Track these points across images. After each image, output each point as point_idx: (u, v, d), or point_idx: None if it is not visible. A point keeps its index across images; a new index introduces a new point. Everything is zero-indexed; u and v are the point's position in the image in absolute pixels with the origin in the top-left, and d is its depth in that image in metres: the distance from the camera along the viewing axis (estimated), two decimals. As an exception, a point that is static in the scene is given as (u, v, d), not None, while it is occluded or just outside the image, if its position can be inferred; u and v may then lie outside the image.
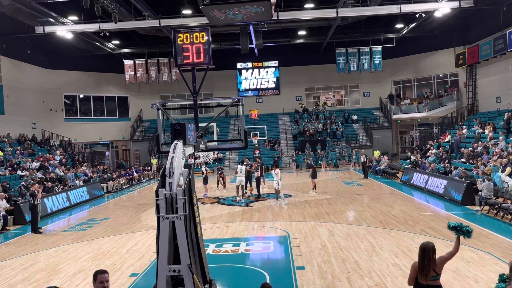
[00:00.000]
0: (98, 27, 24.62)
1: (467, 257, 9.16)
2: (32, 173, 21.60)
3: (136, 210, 17.87)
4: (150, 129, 37.81)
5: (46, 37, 27.88)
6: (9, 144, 25.21)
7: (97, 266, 9.96)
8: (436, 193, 17.79)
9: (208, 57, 7.25)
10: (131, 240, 12.47)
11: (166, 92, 38.42)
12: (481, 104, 29.59)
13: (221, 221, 14.51)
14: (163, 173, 5.59)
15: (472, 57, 28.74)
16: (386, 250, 10.10)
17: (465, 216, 13.59)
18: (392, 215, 14.24)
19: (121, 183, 26.31)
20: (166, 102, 7.99)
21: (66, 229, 14.93)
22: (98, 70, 35.96)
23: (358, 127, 36.98)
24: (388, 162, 26.95)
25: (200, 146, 7.34)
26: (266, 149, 34.73)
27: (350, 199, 17.85)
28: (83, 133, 34.90)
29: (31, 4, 21.92)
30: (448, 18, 27.46)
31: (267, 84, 39.44)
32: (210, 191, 21.51)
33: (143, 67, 33.77)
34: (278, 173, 17.52)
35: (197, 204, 6.10)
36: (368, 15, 25.93)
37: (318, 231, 12.41)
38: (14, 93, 27.91)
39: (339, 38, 32.26)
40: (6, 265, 10.54)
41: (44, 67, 32.02)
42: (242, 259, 10.15)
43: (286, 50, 36.74)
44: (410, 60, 35.68)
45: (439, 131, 31.74)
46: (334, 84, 39.57)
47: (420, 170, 21.64)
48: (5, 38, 26.70)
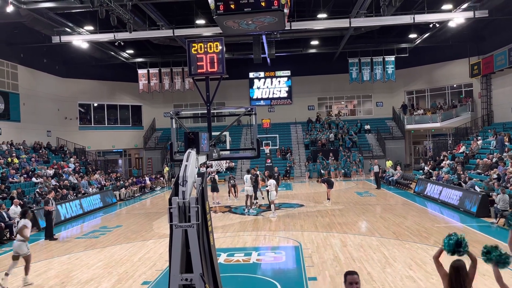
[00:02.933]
0: (113, 36, 24.98)
1: (483, 270, 8.97)
2: (46, 180, 21.86)
3: (148, 218, 17.93)
4: (163, 138, 38.08)
5: (62, 47, 28.37)
6: (24, 152, 25.60)
7: (109, 273, 10.01)
8: (451, 205, 17.54)
9: (221, 66, 7.31)
10: (143, 248, 12.50)
11: (179, 101, 38.69)
12: (496, 114, 29.21)
13: (233, 230, 14.47)
14: (176, 181, 5.62)
15: (487, 67, 28.47)
16: (399, 262, 9.97)
17: (480, 229, 13.37)
18: (405, 226, 14.07)
19: (134, 191, 26.48)
20: (180, 111, 8.06)
21: (79, 236, 15.04)
22: (112, 79, 36.43)
23: (371, 137, 36.76)
24: (401, 173, 26.68)
25: (213, 155, 7.37)
26: (278, 159, 34.68)
27: (362, 210, 17.68)
28: (96, 141, 35.26)
29: (49, 14, 22.36)
30: (463, 28, 27.27)
31: (279, 93, 39.50)
32: (221, 200, 21.52)
33: (156, 76, 34.11)
34: (272, 184, 17.06)
35: (209, 213, 6.10)
36: (381, 25, 25.88)
37: (330, 241, 12.30)
38: (30, 101, 28.40)
39: (352, 48, 32.22)
40: (20, 271, 10.62)
41: (60, 76, 32.56)
42: (254, 269, 10.10)
43: (298, 60, 36.80)
44: (423, 70, 35.46)
45: (453, 142, 31.40)
46: (347, 93, 39.48)
47: (434, 181, 21.39)
48: (22, 48, 27.26)
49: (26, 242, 9.52)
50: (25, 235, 9.50)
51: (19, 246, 9.46)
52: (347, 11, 24.34)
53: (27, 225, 9.68)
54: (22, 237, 9.49)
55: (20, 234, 9.54)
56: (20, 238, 9.54)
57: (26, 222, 9.72)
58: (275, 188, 17.35)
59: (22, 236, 9.49)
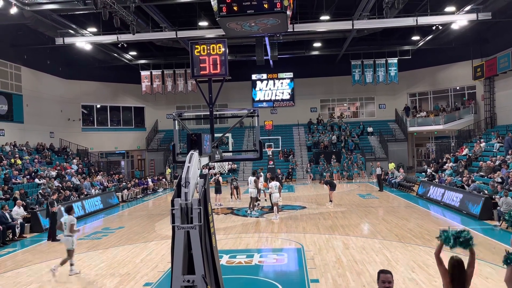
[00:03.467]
0: (116, 38, 25.05)
1: (486, 273, 8.96)
2: (49, 181, 21.90)
3: (151, 219, 17.94)
4: (165, 139, 38.13)
5: (66, 48, 28.47)
6: (27, 153, 25.67)
7: (111, 275, 10.01)
8: (453, 207, 17.49)
9: (224, 68, 7.33)
10: (145, 249, 12.51)
11: (181, 103, 38.77)
12: (500, 117, 29.14)
13: (235, 232, 14.47)
14: (179, 183, 5.62)
15: (490, 70, 28.39)
16: (402, 264, 9.94)
17: (483, 231, 13.32)
18: (408, 228, 14.04)
19: (136, 192, 26.50)
20: (183, 112, 8.08)
21: (81, 237, 15.03)
22: (115, 81, 36.52)
23: (374, 139, 36.70)
24: (404, 175, 26.62)
25: (216, 156, 7.37)
26: (280, 160, 34.67)
27: (365, 212, 17.65)
28: (99, 142, 35.34)
29: (52, 16, 22.45)
30: (466, 30, 27.22)
31: (282, 95, 39.53)
32: (224, 201, 21.52)
33: (159, 78, 34.17)
34: (273, 186, 16.99)
35: (212, 215, 6.10)
36: (384, 27, 25.87)
37: (332, 243, 12.28)
38: (34, 103, 28.50)
39: (355, 50, 32.21)
40: (22, 272, 10.66)
41: (63, 77, 32.67)
42: (256, 271, 10.09)
43: (301, 62, 36.82)
44: (426, 72, 35.41)
45: (456, 144, 31.32)
46: (349, 96, 39.47)
47: (436, 183, 21.33)
48: (26, 49, 27.36)
49: (73, 237, 10.15)
50: (74, 230, 10.24)
51: (67, 240, 10.12)
52: (350, 13, 24.34)
53: (74, 222, 10.32)
54: (72, 233, 10.15)
55: (70, 230, 10.16)
56: (68, 233, 10.16)
57: (72, 219, 10.34)
58: (279, 190, 17.30)
59: (72, 232, 10.16)
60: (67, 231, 10.19)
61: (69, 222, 10.23)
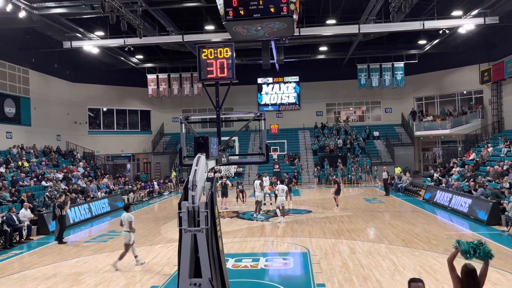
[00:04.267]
0: (123, 42, 25.20)
1: (494, 279, 8.87)
2: (56, 184, 22.01)
3: (156, 223, 17.96)
4: (171, 143, 38.22)
5: (73, 52, 28.67)
6: (34, 155, 25.83)
7: (117, 278, 10.03)
8: (460, 212, 17.37)
9: (231, 72, 7.34)
10: (151, 252, 12.52)
11: (187, 106, 38.87)
12: (507, 121, 28.95)
13: (241, 236, 14.45)
14: (186, 186, 5.63)
15: (497, 74, 28.25)
16: (409, 269, 9.87)
17: (491, 237, 13.21)
18: (414, 233, 13.95)
19: (142, 195, 26.56)
20: (189, 115, 8.09)
21: (87, 240, 15.10)
22: (122, 84, 36.71)
23: (380, 144, 36.58)
24: (410, 180, 26.49)
25: (222, 159, 7.38)
26: (285, 164, 34.62)
27: (371, 216, 17.57)
28: (105, 145, 35.48)
29: (60, 20, 22.63)
30: (473, 35, 27.10)
31: (288, 99, 39.52)
32: (229, 205, 21.51)
33: (165, 82, 34.31)
34: (279, 189, 16.94)
35: (218, 218, 6.10)
36: (390, 31, 25.81)
37: (339, 248, 12.23)
38: (41, 106, 28.70)
39: (361, 54, 32.15)
40: (29, 274, 10.70)
41: (70, 81, 32.88)
42: (262, 275, 10.06)
43: (307, 66, 36.82)
44: (433, 76, 35.28)
45: (463, 149, 31.13)
46: (355, 100, 39.41)
47: (443, 188, 21.20)
48: (34, 53, 27.59)
49: (131, 233, 10.78)
50: (133, 227, 10.87)
51: (126, 235, 10.81)
52: (356, 17, 24.32)
53: (131, 219, 10.92)
54: (130, 229, 10.79)
55: (129, 226, 10.81)
56: (126, 229, 10.80)
57: (130, 216, 10.95)
58: (285, 193, 17.28)
59: (130, 228, 10.80)
60: (125, 227, 10.81)
61: (127, 219, 10.84)
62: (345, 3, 25.17)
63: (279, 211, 17.07)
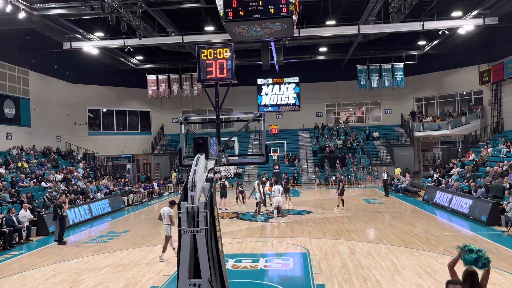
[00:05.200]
0: (123, 43, 25.22)
1: (494, 279, 8.87)
2: (55, 185, 22.00)
3: (156, 223, 17.91)
4: (171, 143, 38.23)
5: (73, 53, 28.68)
6: (34, 156, 25.82)
7: (117, 278, 10.02)
8: (460, 213, 17.36)
9: (231, 72, 7.34)
10: (151, 253, 12.52)
11: (187, 107, 38.89)
12: (507, 122, 28.96)
13: (240, 236, 14.44)
14: (185, 186, 5.63)
15: (497, 75, 28.26)
16: (408, 269, 9.87)
17: (490, 237, 13.21)
18: (414, 234, 13.95)
19: (142, 196, 26.53)
20: (189, 116, 8.08)
21: (87, 240, 15.09)
22: (122, 85, 36.72)
23: (379, 144, 36.59)
24: (410, 180, 26.50)
25: (222, 160, 7.38)
26: (285, 165, 34.62)
27: (371, 217, 17.57)
28: (105, 146, 35.49)
29: (60, 20, 22.63)
30: (472, 35, 27.12)
31: (288, 100, 39.53)
32: (229, 206, 21.50)
33: (165, 82, 34.31)
34: (275, 190, 17.14)
35: (218, 218, 6.10)
36: (390, 32, 25.83)
37: (338, 248, 12.23)
38: (41, 107, 28.70)
39: (361, 55, 32.15)
40: (28, 275, 10.69)
41: (70, 82, 32.89)
42: (261, 275, 10.06)
43: (307, 66, 36.83)
44: (432, 77, 35.30)
45: (462, 150, 31.14)
46: (355, 100, 39.43)
47: (443, 188, 21.21)
48: (33, 54, 27.60)
49: (172, 226, 11.57)
50: (173, 221, 11.61)
51: (166, 228, 11.61)
52: (356, 18, 24.34)
53: (171, 213, 11.66)
54: (171, 222, 11.62)
55: (169, 220, 11.65)
56: (167, 222, 11.62)
57: (170, 211, 11.74)
58: (281, 194, 17.34)
59: (171, 222, 11.63)
60: (166, 220, 11.63)
61: (167, 213, 11.67)
62: (345, 4, 25.19)
63: (275, 211, 17.14)
